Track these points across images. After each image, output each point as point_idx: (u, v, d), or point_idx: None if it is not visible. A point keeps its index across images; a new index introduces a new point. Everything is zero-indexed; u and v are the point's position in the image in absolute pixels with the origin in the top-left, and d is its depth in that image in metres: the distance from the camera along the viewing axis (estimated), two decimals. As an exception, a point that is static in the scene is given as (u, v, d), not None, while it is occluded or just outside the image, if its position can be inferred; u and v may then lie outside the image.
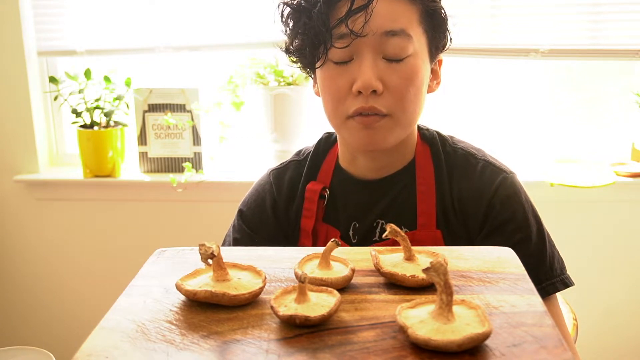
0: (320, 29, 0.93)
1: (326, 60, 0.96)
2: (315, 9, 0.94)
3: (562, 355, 0.53)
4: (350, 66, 0.95)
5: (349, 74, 0.95)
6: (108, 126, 2.11)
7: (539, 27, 1.95)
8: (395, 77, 0.95)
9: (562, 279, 1.01)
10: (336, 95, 0.97)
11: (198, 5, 2.06)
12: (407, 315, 0.58)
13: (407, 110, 0.97)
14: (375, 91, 0.94)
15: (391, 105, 0.95)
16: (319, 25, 0.93)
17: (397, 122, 0.97)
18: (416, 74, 0.96)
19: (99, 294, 2.16)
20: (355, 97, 0.95)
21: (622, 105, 2.11)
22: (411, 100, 0.96)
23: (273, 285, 0.69)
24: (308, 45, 0.97)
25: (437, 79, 1.06)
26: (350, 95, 0.96)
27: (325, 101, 1.01)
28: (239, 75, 2.05)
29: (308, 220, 1.07)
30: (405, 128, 1.00)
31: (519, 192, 1.02)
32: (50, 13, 2.13)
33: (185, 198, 2.10)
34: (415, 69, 0.96)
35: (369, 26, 0.92)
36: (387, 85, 0.95)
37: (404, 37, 0.94)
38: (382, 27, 0.93)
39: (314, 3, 0.94)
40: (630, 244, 2.06)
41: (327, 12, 0.93)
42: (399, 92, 0.95)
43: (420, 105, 1.00)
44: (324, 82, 0.99)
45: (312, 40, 0.95)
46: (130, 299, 0.66)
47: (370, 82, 0.93)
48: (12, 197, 2.20)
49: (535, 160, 2.12)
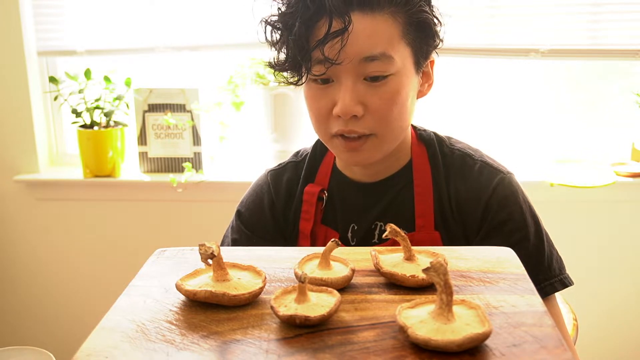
0: (299, 53, 0.91)
1: (307, 79, 0.95)
2: (294, 30, 0.91)
3: (562, 355, 0.53)
4: (331, 87, 0.94)
5: (330, 95, 0.94)
6: (108, 126, 2.11)
7: (539, 27, 1.95)
8: (377, 98, 0.93)
9: (561, 279, 1.00)
10: (318, 115, 0.97)
11: (198, 5, 2.06)
12: (407, 315, 0.58)
13: (391, 128, 0.96)
14: (356, 115, 0.93)
15: (373, 126, 0.94)
16: (297, 48, 0.91)
17: (383, 140, 0.97)
18: (399, 92, 0.94)
19: (99, 294, 2.16)
20: (337, 120, 0.94)
21: (622, 105, 2.11)
22: (395, 119, 0.95)
23: (273, 285, 0.69)
24: (288, 65, 0.95)
25: (429, 80, 1.03)
26: (331, 117, 0.95)
27: (311, 118, 1.01)
28: (239, 75, 2.05)
29: (306, 222, 1.07)
30: (391, 143, 0.99)
31: (516, 192, 1.02)
32: (50, 13, 2.13)
33: (185, 198, 2.10)
34: (397, 88, 0.93)
35: (345, 52, 0.89)
36: (368, 108, 0.93)
37: (384, 60, 0.91)
38: (361, 54, 0.90)
39: (292, 25, 0.92)
40: (630, 244, 2.06)
41: (306, 35, 0.91)
42: (381, 113, 0.93)
43: (406, 119, 0.98)
44: (307, 100, 0.99)
45: (292, 62, 0.94)
46: (130, 299, 0.66)
47: (349, 108, 0.91)
48: (12, 197, 2.20)
49: (535, 160, 2.12)
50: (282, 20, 0.94)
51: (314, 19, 0.91)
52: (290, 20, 0.92)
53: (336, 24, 0.88)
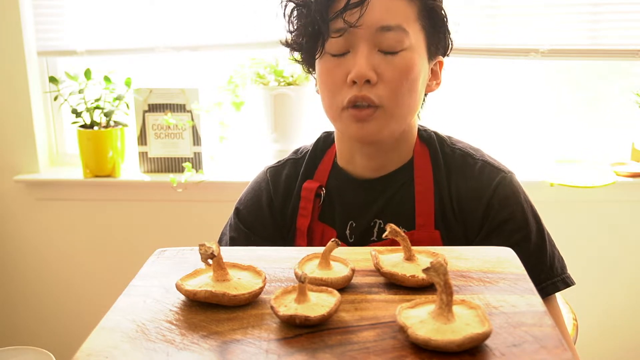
0: (318, 21, 0.95)
1: (323, 52, 0.98)
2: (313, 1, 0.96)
3: (562, 355, 0.53)
4: (347, 58, 0.97)
5: (345, 65, 0.96)
6: (108, 126, 2.11)
7: (539, 27, 1.95)
8: (390, 69, 0.95)
9: (563, 279, 1.00)
10: (332, 86, 0.98)
11: (198, 5, 2.06)
12: (407, 315, 0.58)
13: (401, 103, 0.97)
14: (369, 81, 0.95)
15: (384, 96, 0.96)
16: (317, 17, 0.95)
17: (391, 115, 0.98)
18: (411, 67, 0.96)
19: (99, 294, 2.16)
20: (350, 87, 0.96)
21: (622, 105, 2.11)
22: (405, 94, 0.97)
23: (273, 285, 0.69)
24: (306, 37, 0.99)
25: (437, 79, 1.06)
26: (345, 86, 0.97)
27: (323, 94, 1.02)
28: (239, 75, 2.05)
29: (304, 219, 1.07)
30: (399, 121, 1.00)
31: (517, 191, 1.02)
32: (50, 13, 2.13)
33: (185, 198, 2.10)
34: (410, 63, 0.96)
35: (364, 19, 0.93)
36: (382, 77, 0.95)
37: (399, 32, 0.95)
38: (378, 22, 0.94)
39: None
40: (630, 244, 2.06)
41: (326, 5, 0.95)
42: (393, 84, 0.96)
43: (415, 99, 1.00)
44: (321, 74, 1.01)
45: (310, 32, 0.97)
46: (130, 299, 0.66)
47: (364, 71, 0.94)
48: (12, 197, 2.20)
49: (535, 160, 2.12)
50: None
51: None
52: None
53: None
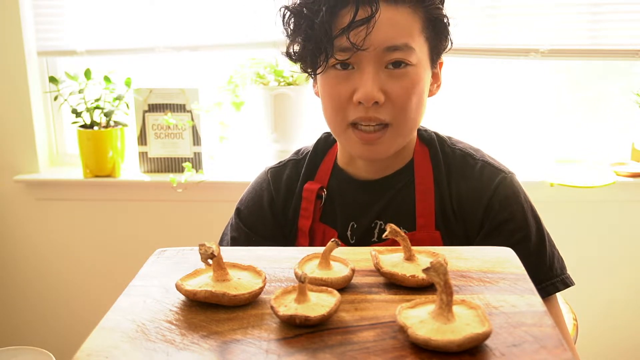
0: (322, 39, 0.92)
1: (327, 67, 0.96)
2: (318, 19, 0.92)
3: (562, 355, 0.53)
4: (352, 74, 0.95)
5: (351, 82, 0.95)
6: (108, 126, 2.11)
7: (539, 27, 1.95)
8: (397, 87, 0.94)
9: (563, 279, 1.00)
10: (337, 102, 0.97)
11: (198, 5, 2.06)
12: (407, 315, 0.58)
13: (409, 119, 0.97)
14: (377, 102, 0.94)
15: (393, 114, 0.95)
16: (321, 34, 0.92)
17: (399, 132, 0.97)
18: (418, 83, 0.96)
19: (99, 293, 2.16)
20: (356, 107, 0.95)
21: (622, 105, 2.11)
22: (413, 109, 0.96)
23: (273, 285, 0.69)
24: (309, 52, 0.96)
25: (438, 81, 1.06)
26: (351, 104, 0.95)
27: (325, 107, 1.00)
28: (239, 75, 2.05)
29: (305, 220, 1.06)
30: (406, 137, 1.00)
31: (518, 192, 1.02)
32: (50, 13, 2.12)
33: (185, 198, 2.09)
34: (417, 78, 0.95)
35: (370, 40, 0.91)
36: (389, 95, 0.94)
37: (406, 51, 0.93)
38: (385, 43, 0.92)
39: (317, 11, 0.92)
40: (630, 244, 2.06)
41: (330, 21, 0.92)
42: (401, 102, 0.95)
43: (421, 113, 1.00)
44: (325, 87, 0.99)
45: (313, 49, 0.94)
46: (130, 299, 0.66)
47: (372, 94, 0.92)
48: (12, 197, 2.20)
49: (535, 160, 2.12)
50: (306, 6, 0.94)
51: (339, 6, 0.92)
52: (315, 6, 0.93)
53: (362, 12, 0.90)
